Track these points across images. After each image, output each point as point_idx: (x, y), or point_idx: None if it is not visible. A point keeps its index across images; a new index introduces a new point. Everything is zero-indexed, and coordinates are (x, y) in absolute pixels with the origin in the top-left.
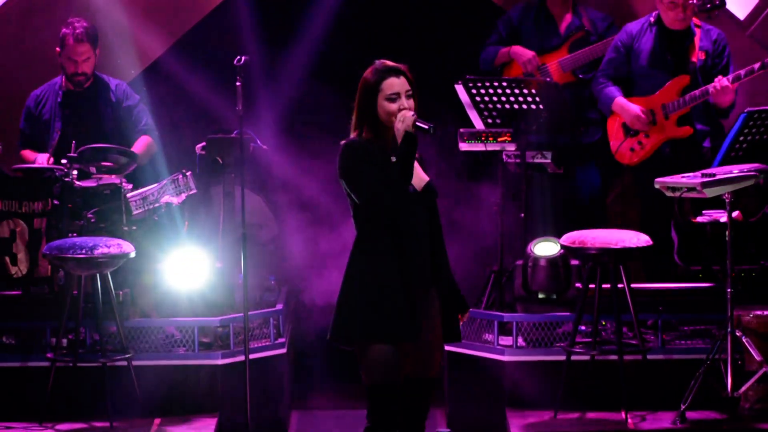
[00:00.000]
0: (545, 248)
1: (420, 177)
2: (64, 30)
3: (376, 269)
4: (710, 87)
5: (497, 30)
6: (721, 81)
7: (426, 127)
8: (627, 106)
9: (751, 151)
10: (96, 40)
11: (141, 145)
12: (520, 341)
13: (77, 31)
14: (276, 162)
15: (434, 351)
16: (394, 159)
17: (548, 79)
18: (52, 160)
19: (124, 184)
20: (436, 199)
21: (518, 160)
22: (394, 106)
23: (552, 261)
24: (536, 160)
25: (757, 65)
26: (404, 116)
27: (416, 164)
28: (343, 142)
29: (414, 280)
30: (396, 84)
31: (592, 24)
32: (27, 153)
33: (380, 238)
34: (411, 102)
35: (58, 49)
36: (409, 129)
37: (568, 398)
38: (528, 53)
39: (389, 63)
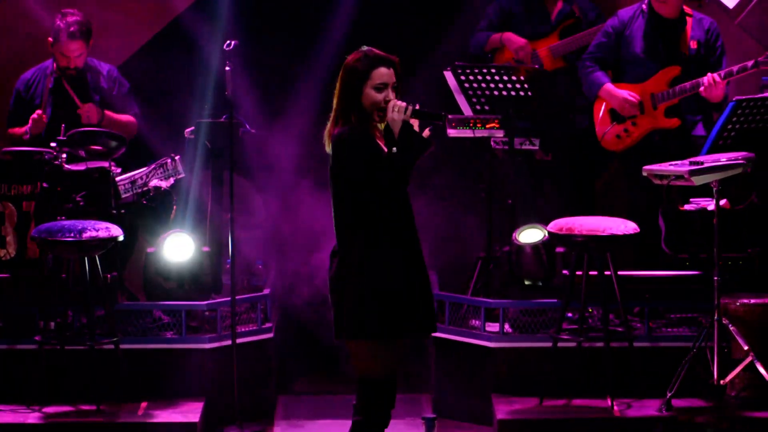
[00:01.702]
0: (530, 235)
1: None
2: (57, 23)
3: (393, 262)
4: (702, 80)
5: (488, 16)
6: (713, 77)
7: (435, 113)
8: (615, 92)
9: (739, 139)
10: (89, 35)
11: (123, 117)
12: (507, 328)
13: (71, 28)
14: (263, 148)
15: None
16: (394, 150)
17: (538, 65)
18: (45, 116)
19: (112, 167)
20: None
21: (506, 147)
22: (380, 96)
23: (536, 248)
24: (524, 147)
25: (750, 63)
26: (399, 106)
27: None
28: (341, 132)
29: (424, 268)
30: (385, 74)
31: (582, 11)
32: (15, 129)
33: (389, 229)
34: (393, 95)
35: (50, 39)
36: (406, 119)
37: (555, 385)
38: (520, 40)
39: (379, 51)
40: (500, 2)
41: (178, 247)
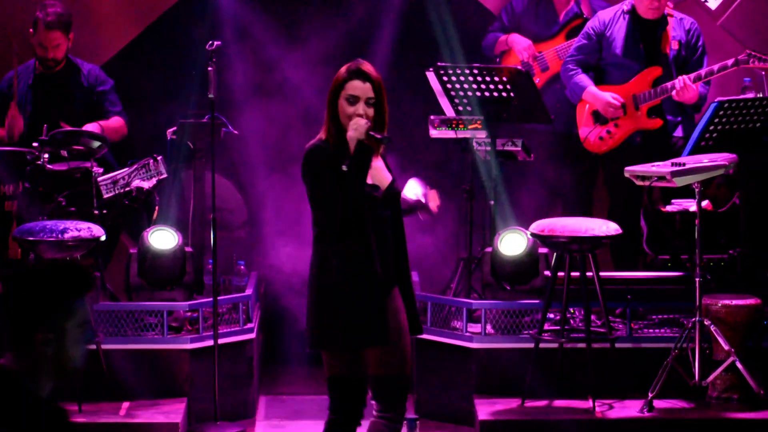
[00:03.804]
0: (511, 240)
1: (384, 177)
2: (37, 13)
3: (347, 274)
4: (670, 85)
5: (499, 17)
6: (682, 81)
7: (379, 137)
8: (598, 94)
9: (721, 140)
10: (68, 26)
11: (112, 123)
12: (489, 329)
13: (49, 18)
14: (248, 147)
15: (405, 349)
16: (345, 167)
17: (544, 67)
18: (19, 116)
19: (94, 168)
20: (399, 200)
21: (488, 148)
22: (351, 109)
23: (517, 259)
24: (506, 148)
25: (730, 62)
26: (357, 123)
27: (381, 164)
28: (307, 146)
29: (381, 283)
30: (358, 88)
31: (593, 12)
32: None
33: (347, 241)
34: (370, 111)
35: (31, 30)
36: (362, 137)
37: (536, 386)
38: (524, 41)
39: (363, 65)
40: (511, 3)
41: (159, 248)
